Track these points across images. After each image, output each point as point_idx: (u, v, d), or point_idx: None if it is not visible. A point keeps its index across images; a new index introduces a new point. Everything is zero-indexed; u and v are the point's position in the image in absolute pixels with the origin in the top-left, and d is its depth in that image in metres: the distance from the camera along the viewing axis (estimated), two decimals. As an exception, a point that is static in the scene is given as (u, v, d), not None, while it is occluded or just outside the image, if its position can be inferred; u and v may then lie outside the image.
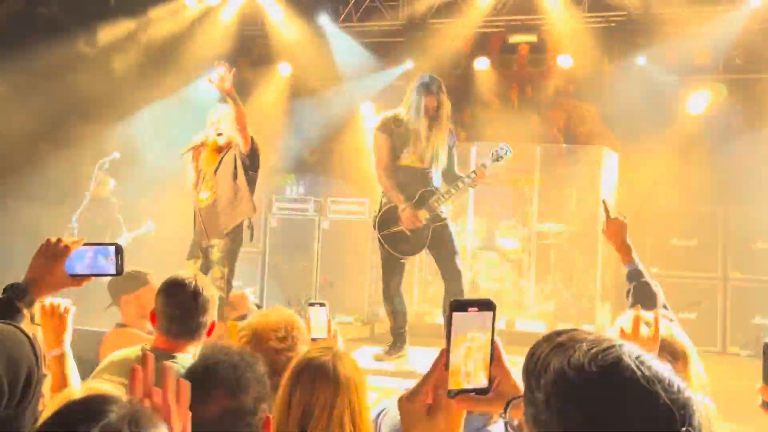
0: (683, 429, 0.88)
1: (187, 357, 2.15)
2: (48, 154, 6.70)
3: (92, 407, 0.95)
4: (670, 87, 7.12)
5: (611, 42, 7.05)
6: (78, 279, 1.87)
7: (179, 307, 2.22)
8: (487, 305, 1.38)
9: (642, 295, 2.50)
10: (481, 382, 1.36)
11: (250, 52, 8.44)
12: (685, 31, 6.84)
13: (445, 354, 1.38)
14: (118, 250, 2.14)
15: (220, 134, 4.48)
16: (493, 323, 1.38)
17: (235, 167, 4.45)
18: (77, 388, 1.82)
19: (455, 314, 1.36)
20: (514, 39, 7.11)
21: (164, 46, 7.57)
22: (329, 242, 7.48)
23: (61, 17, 7.15)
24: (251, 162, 4.49)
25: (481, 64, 7.34)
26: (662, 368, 0.92)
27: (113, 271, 2.16)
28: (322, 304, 2.44)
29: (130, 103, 7.40)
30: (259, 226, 7.76)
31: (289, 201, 7.89)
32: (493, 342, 1.39)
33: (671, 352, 1.91)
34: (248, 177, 4.49)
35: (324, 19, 7.34)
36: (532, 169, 6.80)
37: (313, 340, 2.32)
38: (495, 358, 1.39)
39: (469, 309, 1.37)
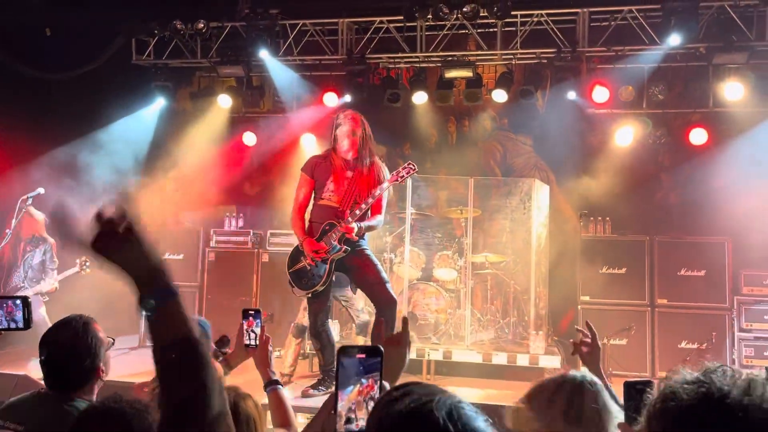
0: None
1: (84, 403, 2.11)
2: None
3: None
4: (598, 120, 7.43)
5: (542, 77, 7.31)
6: None
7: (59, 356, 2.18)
8: (374, 352, 1.44)
9: None
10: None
11: (190, 84, 8.43)
12: (611, 67, 7.18)
13: (333, 398, 1.43)
14: (25, 304, 2.12)
15: None
16: (381, 369, 1.43)
17: None
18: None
19: (343, 360, 1.42)
20: (450, 74, 7.29)
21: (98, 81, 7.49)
22: (269, 275, 7.43)
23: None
24: None
25: (419, 99, 7.49)
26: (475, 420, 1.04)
27: (21, 325, 2.14)
28: (257, 312, 2.47)
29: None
30: (197, 261, 7.68)
31: (228, 234, 7.82)
32: (381, 387, 1.44)
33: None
34: None
35: (263, 52, 7.39)
36: (466, 201, 6.93)
37: (246, 346, 2.39)
38: None
39: (357, 355, 1.43)
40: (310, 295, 4.74)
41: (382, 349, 1.42)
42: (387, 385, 1.46)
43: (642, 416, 1.13)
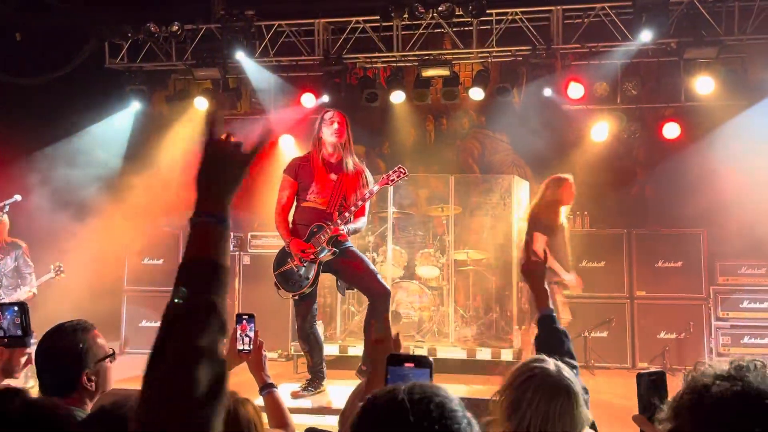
0: None
1: (81, 412, 2.08)
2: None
3: None
4: (573, 116, 7.52)
5: (518, 75, 7.38)
6: None
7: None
8: (423, 363, 1.41)
9: (550, 341, 2.42)
10: None
11: (165, 87, 8.34)
12: (585, 64, 7.28)
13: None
14: (23, 311, 2.06)
15: None
16: (431, 380, 1.40)
17: None
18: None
19: (390, 368, 1.40)
20: (427, 73, 7.31)
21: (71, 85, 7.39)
22: (250, 278, 7.39)
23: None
24: None
25: (397, 98, 7.50)
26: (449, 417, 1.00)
27: (19, 332, 2.08)
28: (250, 316, 2.45)
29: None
30: (177, 265, 7.61)
31: (208, 237, 7.75)
32: None
33: (551, 386, 1.80)
34: None
35: (239, 54, 7.34)
36: (446, 199, 6.97)
37: (240, 351, 2.37)
38: None
39: (405, 364, 1.41)
40: (297, 297, 4.69)
41: (432, 361, 1.40)
42: None
43: (663, 407, 1.11)
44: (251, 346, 2.41)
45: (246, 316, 2.43)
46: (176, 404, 1.04)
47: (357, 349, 6.23)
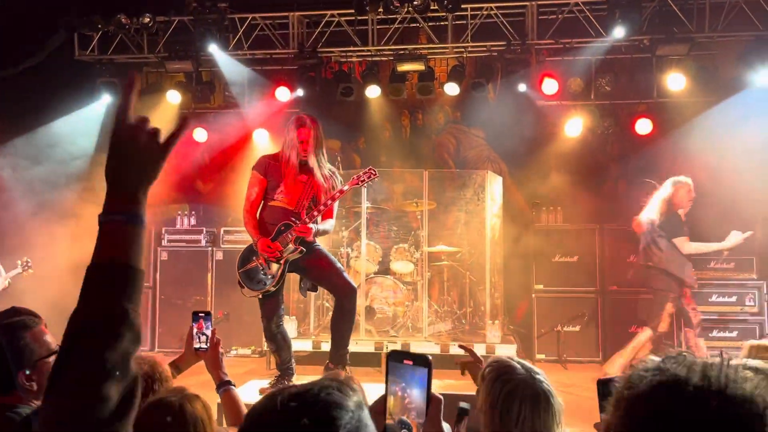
0: None
1: (28, 409, 2.02)
2: None
3: None
4: (548, 112, 7.55)
5: (493, 70, 7.39)
6: None
7: None
8: (422, 361, 1.40)
9: None
10: None
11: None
12: (559, 59, 7.31)
13: (382, 401, 1.39)
14: None
15: None
16: (429, 380, 1.39)
17: None
18: None
19: (390, 363, 1.39)
20: (402, 68, 7.29)
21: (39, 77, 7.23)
22: (223, 273, 7.33)
23: None
24: None
25: (372, 92, 7.47)
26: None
27: None
28: (207, 314, 2.43)
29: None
30: (149, 260, 7.52)
31: (181, 233, 7.68)
32: (429, 399, 1.39)
33: (533, 395, 1.88)
34: None
35: (213, 47, 7.24)
36: (421, 194, 6.97)
37: (196, 350, 2.35)
38: (429, 416, 1.39)
39: (405, 361, 1.39)
40: (260, 296, 4.65)
41: (430, 361, 1.37)
42: (441, 398, 1.42)
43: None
44: (208, 344, 2.39)
45: (202, 314, 2.40)
46: (80, 422, 0.96)
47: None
